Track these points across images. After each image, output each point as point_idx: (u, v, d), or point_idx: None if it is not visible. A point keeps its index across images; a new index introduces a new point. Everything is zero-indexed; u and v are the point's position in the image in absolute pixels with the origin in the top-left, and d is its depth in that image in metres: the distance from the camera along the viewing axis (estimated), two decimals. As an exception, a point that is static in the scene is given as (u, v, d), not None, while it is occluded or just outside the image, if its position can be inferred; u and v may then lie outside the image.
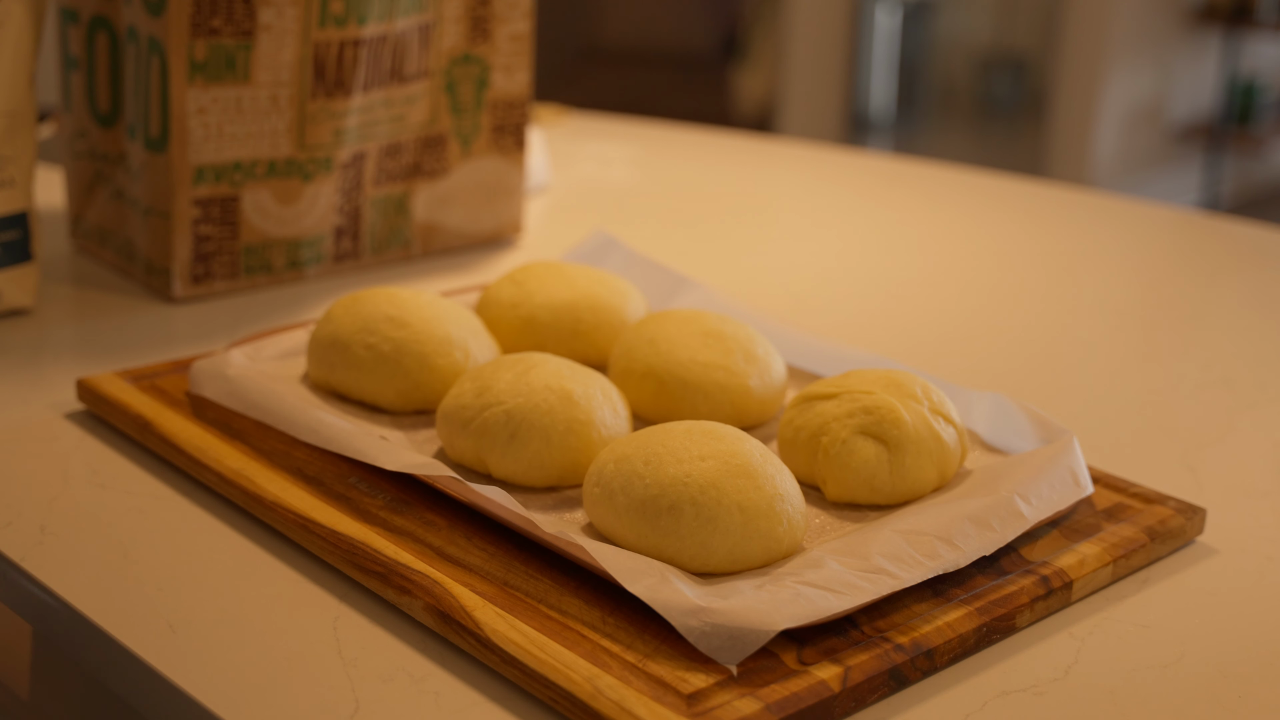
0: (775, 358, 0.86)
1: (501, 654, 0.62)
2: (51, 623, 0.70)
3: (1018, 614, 0.67)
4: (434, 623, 0.65)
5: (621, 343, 0.87)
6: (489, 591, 0.67)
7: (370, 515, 0.73)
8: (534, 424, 0.76)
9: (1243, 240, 1.40)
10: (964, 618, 0.66)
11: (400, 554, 0.69)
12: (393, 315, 0.86)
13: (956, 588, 0.68)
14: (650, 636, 0.63)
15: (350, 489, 0.76)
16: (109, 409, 0.85)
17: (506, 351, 0.92)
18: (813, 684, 0.60)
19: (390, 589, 0.68)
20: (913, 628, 0.65)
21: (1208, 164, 4.76)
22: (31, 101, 1.02)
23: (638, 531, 0.68)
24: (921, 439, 0.75)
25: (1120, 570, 0.72)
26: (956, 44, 4.93)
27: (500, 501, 0.69)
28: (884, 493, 0.75)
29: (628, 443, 0.72)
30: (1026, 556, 0.71)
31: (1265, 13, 4.51)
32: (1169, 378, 1.03)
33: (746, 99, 4.94)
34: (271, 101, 1.07)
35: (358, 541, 0.70)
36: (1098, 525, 0.74)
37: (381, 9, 1.09)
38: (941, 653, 0.64)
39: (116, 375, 0.88)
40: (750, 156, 1.68)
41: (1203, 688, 0.64)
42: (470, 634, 0.64)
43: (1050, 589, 0.69)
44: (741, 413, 0.83)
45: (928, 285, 1.23)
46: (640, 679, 0.60)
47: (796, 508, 0.70)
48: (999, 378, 1.00)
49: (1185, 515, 0.76)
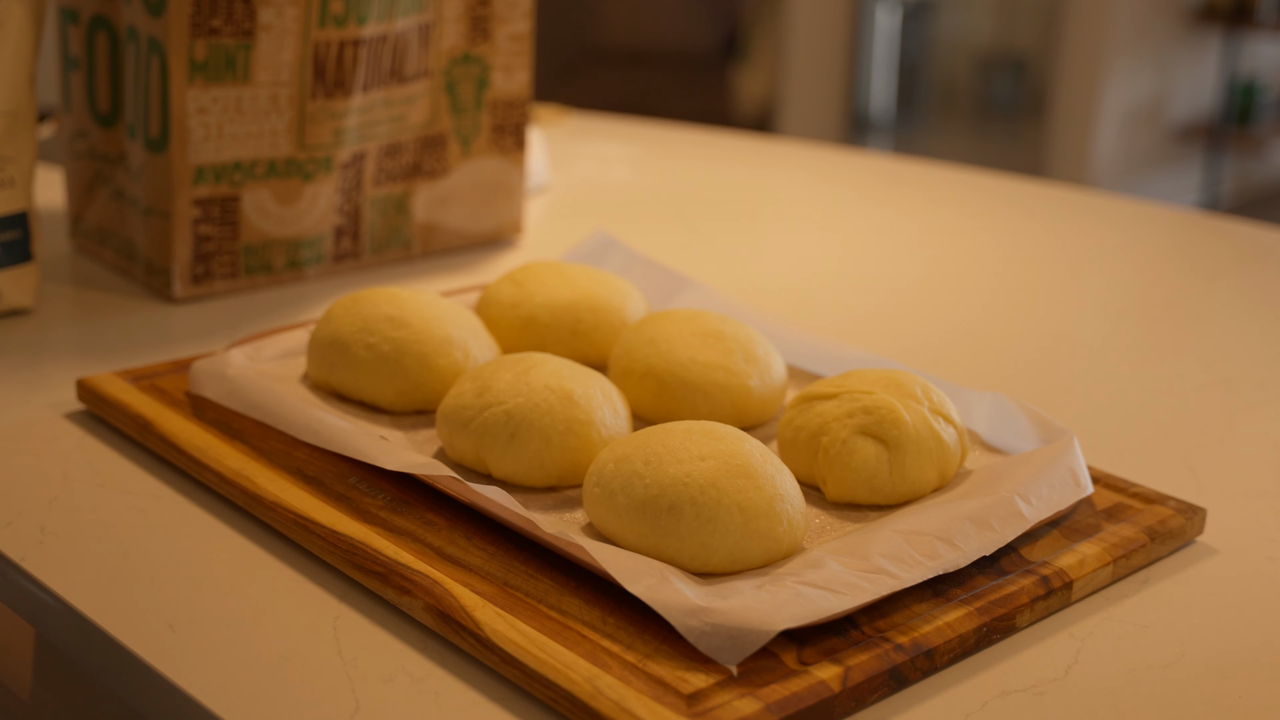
0: (775, 358, 0.86)
1: (501, 654, 0.62)
2: (52, 623, 0.70)
3: (1018, 614, 0.67)
4: (434, 623, 0.65)
5: (621, 343, 0.87)
6: (489, 591, 0.67)
7: (370, 515, 0.73)
8: (534, 424, 0.76)
9: (1243, 240, 1.40)
10: (964, 618, 0.66)
11: (400, 554, 0.69)
12: (393, 315, 0.86)
13: (957, 588, 0.68)
14: (650, 636, 0.63)
15: (350, 489, 0.76)
16: (109, 409, 0.85)
17: (506, 351, 0.92)
18: (813, 684, 0.60)
19: (390, 589, 0.68)
20: (913, 628, 0.65)
21: (1208, 164, 4.76)
22: (31, 101, 1.02)
23: (638, 531, 0.68)
24: (921, 439, 0.75)
25: (1120, 570, 0.72)
26: (956, 44, 4.93)
27: (500, 501, 0.69)
28: (884, 493, 0.75)
29: (628, 443, 0.72)
30: (1026, 556, 0.71)
31: (1265, 13, 4.51)
32: (1169, 378, 1.03)
33: (746, 99, 4.94)
34: (271, 101, 1.07)
35: (358, 541, 0.70)
36: (1098, 525, 0.74)
37: (381, 9, 1.09)
38: (941, 653, 0.64)
39: (116, 375, 0.88)
40: (750, 156, 1.68)
41: (1203, 688, 0.64)
42: (470, 634, 0.64)
43: (1050, 589, 0.69)
44: (741, 413, 0.83)
45: (928, 285, 1.23)
46: (640, 679, 0.60)
47: (796, 508, 0.70)
48: (999, 378, 1.00)
49: (1185, 515, 0.76)
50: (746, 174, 1.61)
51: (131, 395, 0.86)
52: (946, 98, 5.02)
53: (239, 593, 0.69)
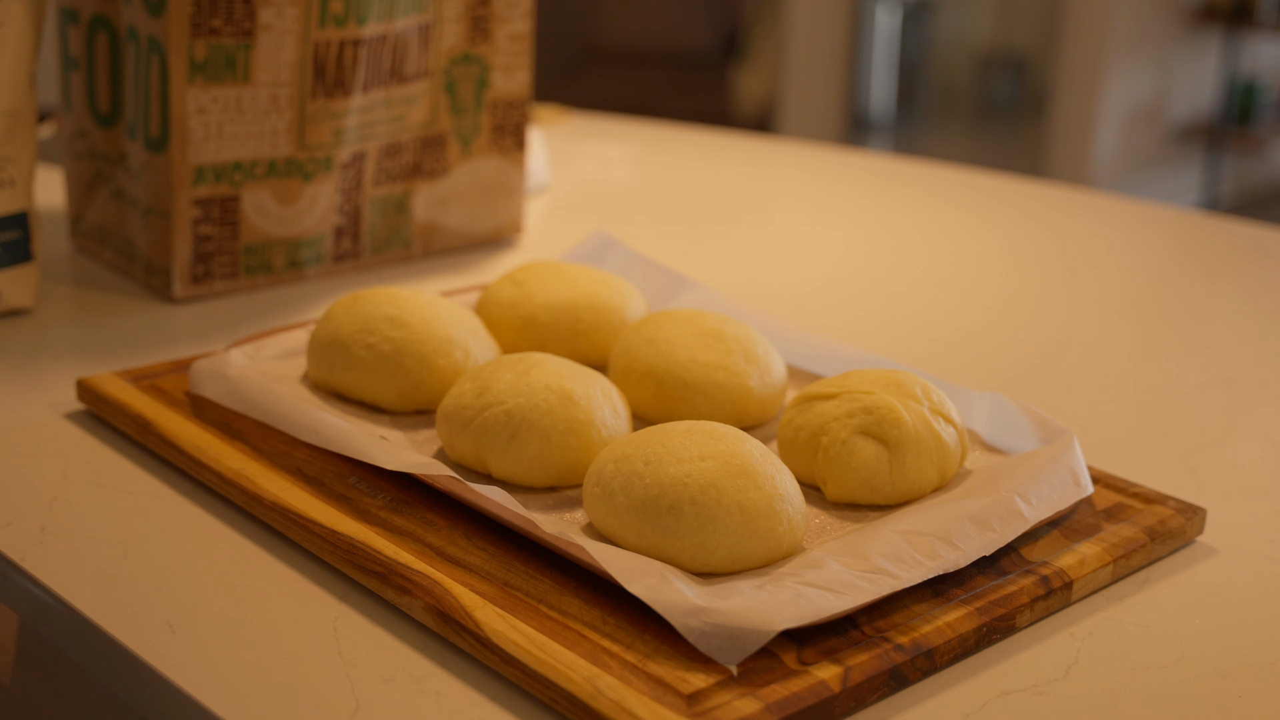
0: (775, 358, 0.86)
1: (501, 654, 0.62)
2: (51, 622, 0.70)
3: (1018, 614, 0.67)
4: (434, 623, 0.65)
5: (621, 343, 0.87)
6: (489, 591, 0.67)
7: (370, 515, 0.73)
8: (534, 424, 0.76)
9: (1243, 240, 1.40)
10: (964, 618, 0.66)
11: (400, 554, 0.69)
12: (393, 315, 0.86)
13: (957, 588, 0.68)
14: (650, 636, 0.63)
15: (350, 489, 0.76)
16: (109, 409, 0.85)
17: (506, 351, 0.92)
18: (813, 684, 0.60)
19: (390, 589, 0.68)
20: (913, 628, 0.65)
21: (1208, 164, 4.76)
22: (31, 101, 1.02)
23: (637, 531, 0.68)
24: (921, 439, 0.75)
25: (1120, 570, 0.72)
26: (956, 44, 4.93)
27: (500, 501, 0.69)
28: (884, 493, 0.75)
29: (628, 443, 0.72)
30: (1026, 556, 0.71)
31: (1265, 13, 4.51)
32: (1169, 377, 1.03)
33: (747, 99, 4.94)
34: (271, 101, 1.07)
35: (358, 541, 0.70)
36: (1098, 525, 0.74)
37: (381, 9, 1.09)
38: (942, 653, 0.64)
39: (117, 375, 0.88)
40: (750, 156, 1.68)
41: (1203, 688, 0.64)
42: (470, 634, 0.64)
43: (1050, 589, 0.69)
44: (741, 413, 0.83)
45: (927, 285, 1.23)
46: (640, 679, 0.60)
47: (796, 508, 0.70)
48: (999, 377, 1.00)
49: (1185, 515, 0.76)
50: (746, 174, 1.61)
51: (131, 395, 0.86)
52: (946, 98, 5.02)
53: (239, 593, 0.69)
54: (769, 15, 4.80)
